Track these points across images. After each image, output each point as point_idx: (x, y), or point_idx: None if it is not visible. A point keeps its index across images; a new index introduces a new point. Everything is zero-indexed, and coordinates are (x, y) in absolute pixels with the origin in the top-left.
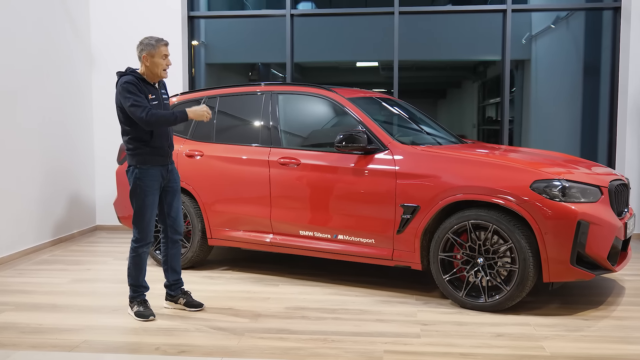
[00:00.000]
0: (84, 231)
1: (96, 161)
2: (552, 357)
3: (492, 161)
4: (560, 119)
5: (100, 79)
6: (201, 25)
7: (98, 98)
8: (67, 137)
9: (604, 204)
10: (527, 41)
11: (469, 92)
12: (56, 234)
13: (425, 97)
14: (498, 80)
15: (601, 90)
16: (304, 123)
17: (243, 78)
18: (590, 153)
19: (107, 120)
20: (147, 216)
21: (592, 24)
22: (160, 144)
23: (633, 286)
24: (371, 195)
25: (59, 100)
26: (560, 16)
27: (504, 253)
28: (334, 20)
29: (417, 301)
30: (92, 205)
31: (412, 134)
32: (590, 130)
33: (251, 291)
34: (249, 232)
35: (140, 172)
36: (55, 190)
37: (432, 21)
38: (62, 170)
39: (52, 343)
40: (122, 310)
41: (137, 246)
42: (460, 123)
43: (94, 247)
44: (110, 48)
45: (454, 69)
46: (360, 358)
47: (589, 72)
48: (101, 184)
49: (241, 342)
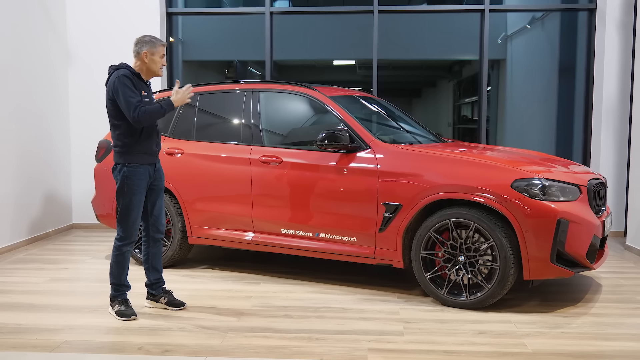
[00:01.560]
0: (60, 229)
1: (72, 159)
2: (534, 354)
3: (473, 160)
4: (536, 118)
5: (77, 75)
6: (179, 22)
7: (75, 94)
8: (43, 134)
9: (583, 202)
10: (502, 41)
11: (444, 91)
12: (32, 232)
13: (401, 96)
14: (473, 79)
15: (576, 90)
16: (286, 121)
17: (220, 76)
18: (566, 152)
19: (84, 117)
20: (133, 215)
21: (568, 25)
22: (149, 142)
23: (609, 283)
24: (353, 194)
25: (35, 96)
26: (536, 16)
27: (485, 251)
28: (311, 19)
29: (399, 299)
30: (68, 204)
31: (393, 132)
32: (566, 130)
33: (233, 290)
34: (230, 231)
35: (129, 171)
36: (30, 189)
37: (409, 20)
38: (37, 168)
39: (33, 343)
40: (103, 309)
41: (121, 245)
42: (435, 122)
43: (70, 246)
44: (88, 44)
45: (429, 68)
46: (345, 356)
47: (564, 72)
48: (78, 182)
49: (225, 341)
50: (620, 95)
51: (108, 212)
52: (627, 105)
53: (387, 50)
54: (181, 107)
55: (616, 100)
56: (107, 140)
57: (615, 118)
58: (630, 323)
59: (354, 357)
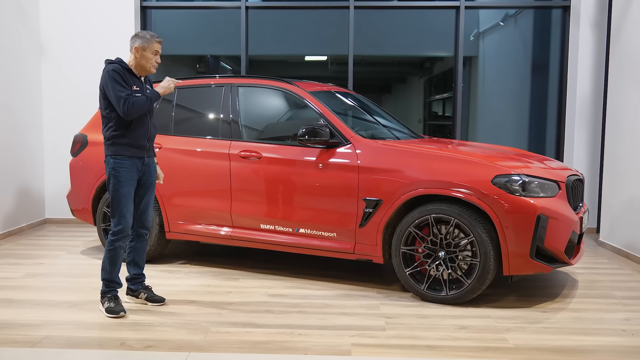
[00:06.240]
0: (33, 224)
1: (45, 153)
2: (515, 349)
3: (454, 156)
4: (509, 115)
5: (50, 69)
6: (152, 16)
7: (48, 88)
8: (15, 128)
9: (562, 198)
10: (474, 38)
11: (414, 88)
12: (4, 227)
13: (371, 92)
14: (444, 76)
15: (550, 88)
16: (265, 116)
17: (191, 70)
18: (538, 149)
19: (57, 111)
20: (122, 207)
21: (541, 22)
22: (138, 135)
23: (585, 279)
24: (333, 189)
25: (5, 89)
26: (509, 14)
27: (465, 247)
28: (284, 14)
29: (379, 294)
30: (41, 198)
31: (372, 128)
32: (539, 127)
33: (212, 285)
34: (209, 226)
35: (115, 163)
36: (2, 183)
37: (383, 16)
38: (9, 163)
39: (13, 339)
40: (82, 305)
41: (114, 239)
42: (406, 118)
43: (44, 241)
44: (60, 38)
45: (400, 65)
46: (329, 351)
47: (537, 70)
48: (51, 176)
49: (207, 336)
50: (593, 92)
51: (84, 207)
52: (600, 102)
53: (361, 46)
54: (158, 102)
55: (589, 98)
56: (83, 135)
57: (589, 115)
58: (608, 318)
59: (338, 352)
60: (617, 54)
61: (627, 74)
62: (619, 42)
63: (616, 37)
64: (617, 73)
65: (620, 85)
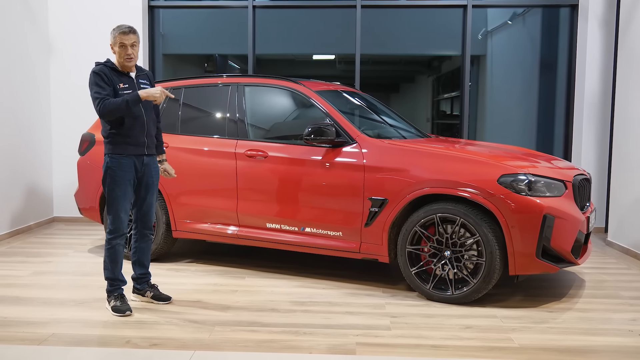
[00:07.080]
0: (41, 223)
1: (54, 151)
2: (521, 349)
3: (460, 155)
4: (517, 114)
5: (57, 69)
6: (160, 16)
7: (56, 87)
8: (24, 127)
9: (568, 198)
10: (483, 37)
11: (422, 87)
12: (13, 225)
13: (379, 91)
14: (452, 75)
15: (557, 86)
16: (271, 115)
17: (199, 69)
18: (547, 148)
19: (65, 111)
20: (117, 206)
21: (549, 21)
22: (134, 133)
23: (593, 279)
24: (339, 188)
25: (14, 90)
26: (517, 12)
27: (470, 246)
28: (292, 13)
29: (384, 294)
30: (49, 197)
31: (378, 127)
32: (547, 126)
33: (218, 284)
34: (215, 225)
35: (111, 161)
36: (11, 182)
37: (391, 15)
38: (18, 161)
39: (20, 337)
40: (88, 303)
41: (111, 238)
42: (414, 117)
43: (52, 239)
44: (68, 38)
45: (408, 64)
46: (334, 350)
47: (545, 68)
48: (59, 175)
49: (213, 335)
50: (601, 91)
51: (91, 206)
52: (608, 101)
53: (369, 45)
54: (165, 101)
55: (598, 97)
56: (90, 134)
57: (597, 114)
58: (615, 318)
59: (342, 351)
60: (626, 52)
61: (636, 72)
62: (627, 40)
63: (624, 35)
64: (625, 71)
65: (628, 83)
